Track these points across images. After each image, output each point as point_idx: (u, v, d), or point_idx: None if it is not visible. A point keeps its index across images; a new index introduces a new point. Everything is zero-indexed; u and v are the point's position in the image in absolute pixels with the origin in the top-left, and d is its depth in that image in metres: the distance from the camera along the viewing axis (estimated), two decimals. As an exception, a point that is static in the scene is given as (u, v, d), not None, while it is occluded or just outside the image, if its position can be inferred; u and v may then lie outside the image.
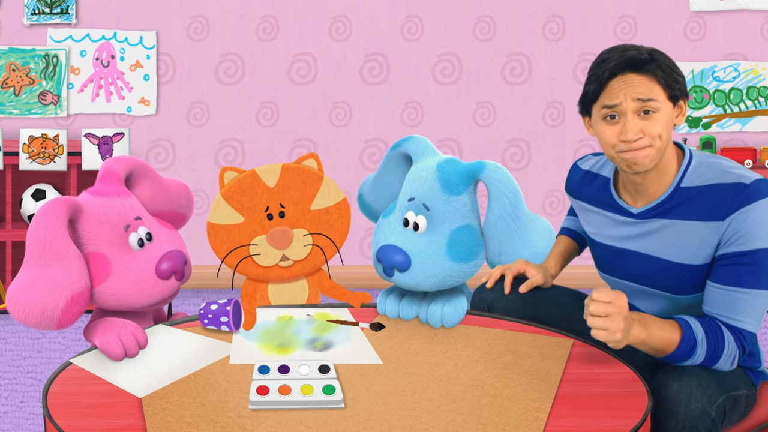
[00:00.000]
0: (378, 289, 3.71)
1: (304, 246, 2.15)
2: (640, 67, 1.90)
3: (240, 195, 2.14)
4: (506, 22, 4.00)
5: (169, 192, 2.38)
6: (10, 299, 2.04)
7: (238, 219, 2.14)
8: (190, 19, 3.97)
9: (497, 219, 2.18)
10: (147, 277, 2.16)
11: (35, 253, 2.04)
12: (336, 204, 2.17)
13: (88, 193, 2.20)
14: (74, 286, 2.04)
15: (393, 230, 2.24)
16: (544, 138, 4.04)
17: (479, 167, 2.19)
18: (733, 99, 4.00)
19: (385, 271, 2.22)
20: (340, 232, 2.19)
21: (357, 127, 4.04)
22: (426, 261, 2.19)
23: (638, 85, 1.90)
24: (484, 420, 1.76)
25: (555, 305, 2.29)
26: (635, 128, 1.90)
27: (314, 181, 2.16)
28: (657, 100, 1.90)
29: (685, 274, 1.98)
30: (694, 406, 1.81)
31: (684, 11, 3.99)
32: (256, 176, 2.15)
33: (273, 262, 2.15)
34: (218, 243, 2.16)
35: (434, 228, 2.21)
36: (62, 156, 3.75)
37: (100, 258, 2.14)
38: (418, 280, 2.20)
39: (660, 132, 1.90)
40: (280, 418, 1.77)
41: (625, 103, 1.90)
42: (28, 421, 2.89)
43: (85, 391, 1.88)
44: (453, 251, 2.20)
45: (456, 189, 2.20)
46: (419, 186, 2.23)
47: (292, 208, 2.15)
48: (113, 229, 2.16)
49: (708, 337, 1.88)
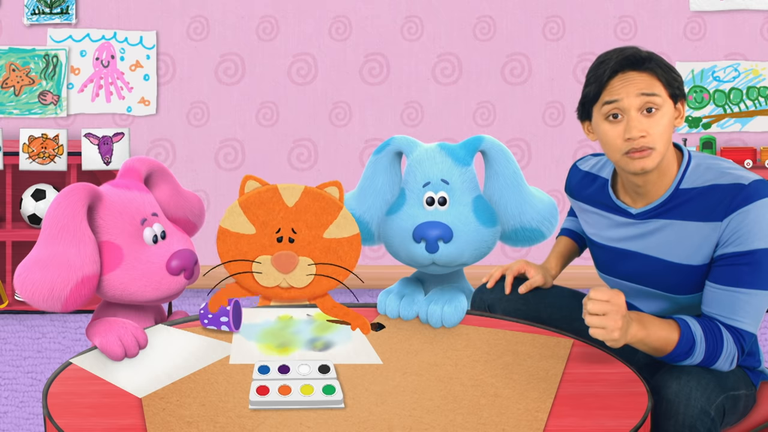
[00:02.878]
0: (378, 289, 3.70)
1: (306, 275, 2.16)
2: (640, 64, 1.90)
3: (257, 207, 2.14)
4: (506, 22, 4.00)
5: (184, 199, 2.41)
6: (18, 275, 2.06)
7: (249, 229, 2.14)
8: (190, 19, 3.97)
9: (509, 180, 2.29)
10: (156, 271, 2.17)
11: (51, 233, 2.07)
12: (348, 237, 2.18)
13: (110, 185, 2.24)
14: (86, 268, 2.06)
15: (418, 213, 2.26)
16: (544, 138, 4.04)
17: (478, 139, 2.33)
18: (733, 99, 4.00)
19: (429, 248, 2.23)
20: (347, 265, 2.19)
21: (357, 127, 4.04)
22: (463, 229, 2.24)
23: (640, 81, 1.89)
24: (484, 420, 1.76)
25: (555, 305, 2.29)
26: (639, 125, 1.89)
27: (333, 209, 2.16)
28: (659, 95, 1.90)
29: (684, 274, 1.98)
30: (693, 406, 1.81)
31: (684, 11, 3.99)
32: (276, 192, 2.15)
33: (273, 283, 2.16)
34: (225, 248, 2.17)
35: (457, 200, 2.27)
36: (62, 156, 3.75)
37: (114, 247, 2.16)
38: (461, 249, 2.24)
39: (662, 132, 1.90)
40: (280, 418, 1.77)
41: (627, 100, 1.90)
42: (28, 421, 2.89)
43: (85, 391, 1.88)
44: (481, 217, 2.27)
45: (464, 160, 2.31)
46: (431, 167, 2.29)
47: (304, 232, 2.15)
48: (130, 221, 2.18)
49: (707, 337, 1.88)
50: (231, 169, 4.04)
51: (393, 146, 2.35)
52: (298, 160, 4.04)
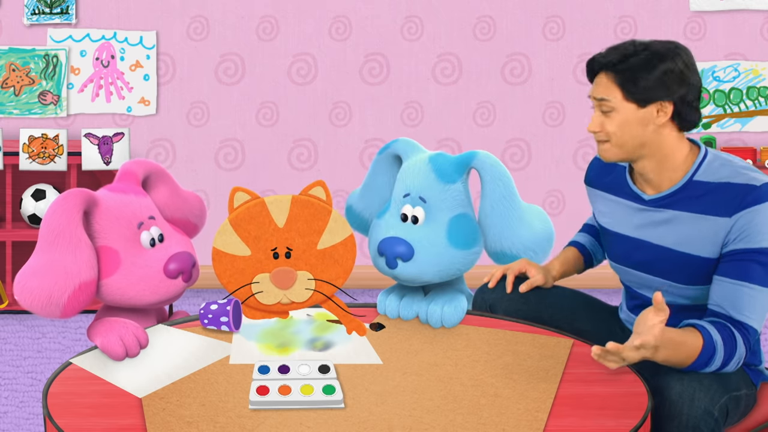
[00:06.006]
0: (378, 289, 3.70)
1: (305, 289, 2.16)
2: (607, 68, 2.02)
3: (248, 223, 2.14)
4: (506, 22, 4.00)
5: (184, 201, 2.41)
6: (17, 284, 2.06)
7: (244, 251, 2.14)
8: (190, 19, 3.97)
9: (495, 203, 2.22)
10: (154, 275, 2.17)
11: (47, 240, 2.07)
12: (343, 241, 2.17)
13: (106, 189, 2.24)
14: (83, 274, 2.06)
15: (391, 225, 2.25)
16: (544, 138, 4.04)
17: (471, 155, 2.25)
18: (733, 99, 4.00)
19: (388, 264, 2.22)
20: (344, 268, 2.19)
21: (357, 127, 4.04)
22: (428, 249, 2.20)
23: (599, 85, 2.04)
24: (484, 420, 1.76)
25: (557, 305, 2.29)
26: (595, 121, 2.05)
27: (323, 215, 2.16)
28: (610, 100, 2.01)
29: (693, 266, 2.01)
30: (697, 407, 1.82)
31: (684, 11, 3.99)
32: (264, 207, 2.15)
33: (274, 301, 2.16)
34: (222, 269, 2.16)
35: (432, 217, 2.23)
36: (62, 156, 3.75)
37: (111, 252, 2.15)
38: (422, 269, 2.21)
39: (614, 130, 2.01)
40: (280, 418, 1.77)
41: (593, 98, 2.05)
42: (28, 421, 2.89)
43: (85, 391, 1.89)
44: (453, 238, 2.21)
45: (450, 177, 2.24)
46: (413, 179, 2.25)
47: (298, 241, 2.15)
48: (127, 225, 2.17)
49: (725, 344, 1.89)
50: (231, 169, 4.04)
51: (393, 149, 2.36)
52: (298, 160, 4.04)
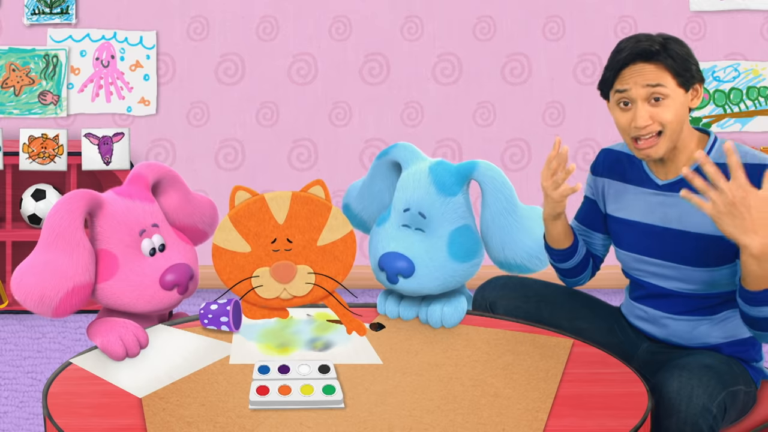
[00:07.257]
0: (378, 289, 3.70)
1: (306, 283, 2.16)
2: (650, 57, 1.97)
3: (247, 219, 2.14)
4: (506, 22, 4.00)
5: (194, 206, 2.39)
6: (14, 278, 2.07)
7: (244, 247, 2.15)
8: (190, 19, 3.97)
9: (495, 216, 2.21)
10: (150, 285, 2.16)
11: (47, 240, 2.07)
12: (343, 237, 2.18)
13: (113, 192, 2.23)
14: (77, 277, 2.06)
15: (392, 237, 2.24)
16: (544, 138, 4.04)
17: (471, 166, 2.23)
18: (733, 99, 4.00)
19: (389, 279, 2.22)
20: (344, 264, 2.19)
21: (357, 127, 4.04)
22: (429, 264, 2.19)
23: (648, 72, 1.97)
24: (484, 420, 1.76)
25: (556, 304, 2.30)
26: (645, 115, 1.98)
27: (323, 211, 2.16)
28: (666, 86, 1.96)
29: (707, 246, 2.01)
30: (695, 403, 1.82)
31: (684, 11, 3.99)
32: (264, 203, 2.15)
33: (274, 295, 2.16)
34: (222, 266, 2.16)
35: (433, 231, 2.22)
36: (62, 156, 3.75)
37: (110, 256, 2.15)
38: (422, 284, 2.21)
39: (670, 118, 1.97)
40: (280, 418, 1.77)
41: (635, 90, 1.98)
42: (28, 421, 2.89)
43: (85, 391, 1.89)
44: (454, 251, 2.21)
45: (450, 190, 2.22)
46: (413, 191, 2.24)
47: (299, 239, 2.15)
48: (128, 231, 2.17)
49: None
50: (231, 169, 4.04)
51: (392, 155, 2.34)
52: (298, 160, 4.04)
